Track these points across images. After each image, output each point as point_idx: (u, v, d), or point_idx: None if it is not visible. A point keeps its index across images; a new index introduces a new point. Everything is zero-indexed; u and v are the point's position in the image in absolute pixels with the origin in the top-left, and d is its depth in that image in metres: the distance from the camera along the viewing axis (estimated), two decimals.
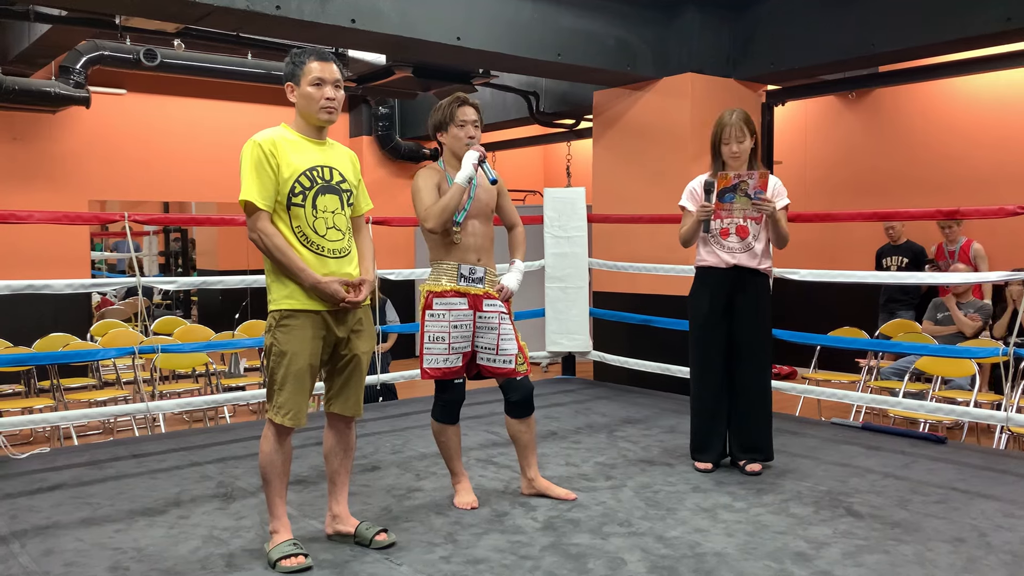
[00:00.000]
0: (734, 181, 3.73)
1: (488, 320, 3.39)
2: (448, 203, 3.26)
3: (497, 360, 3.41)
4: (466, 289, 3.35)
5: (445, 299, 3.34)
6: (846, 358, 6.68)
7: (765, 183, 3.75)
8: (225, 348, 6.69)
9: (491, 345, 3.40)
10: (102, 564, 2.89)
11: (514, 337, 3.44)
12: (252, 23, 4.86)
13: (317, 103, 2.84)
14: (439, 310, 3.34)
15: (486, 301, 3.39)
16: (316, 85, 2.83)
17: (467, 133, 3.35)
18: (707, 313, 3.93)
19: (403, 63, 6.90)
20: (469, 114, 3.36)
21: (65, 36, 6.15)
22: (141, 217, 4.91)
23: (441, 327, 3.33)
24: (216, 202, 9.25)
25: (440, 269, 3.38)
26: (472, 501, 3.45)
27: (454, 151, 3.40)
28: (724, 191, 3.75)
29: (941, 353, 5.22)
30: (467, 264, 3.36)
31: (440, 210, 3.26)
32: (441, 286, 3.35)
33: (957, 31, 5.08)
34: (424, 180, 3.37)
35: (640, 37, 6.10)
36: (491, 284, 3.43)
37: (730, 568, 2.81)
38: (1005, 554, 2.92)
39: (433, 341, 3.34)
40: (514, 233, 3.59)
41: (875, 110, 7.96)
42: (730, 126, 3.83)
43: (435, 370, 3.35)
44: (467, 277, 3.35)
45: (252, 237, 2.82)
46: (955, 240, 6.64)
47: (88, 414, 4.85)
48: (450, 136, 3.38)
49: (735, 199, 3.75)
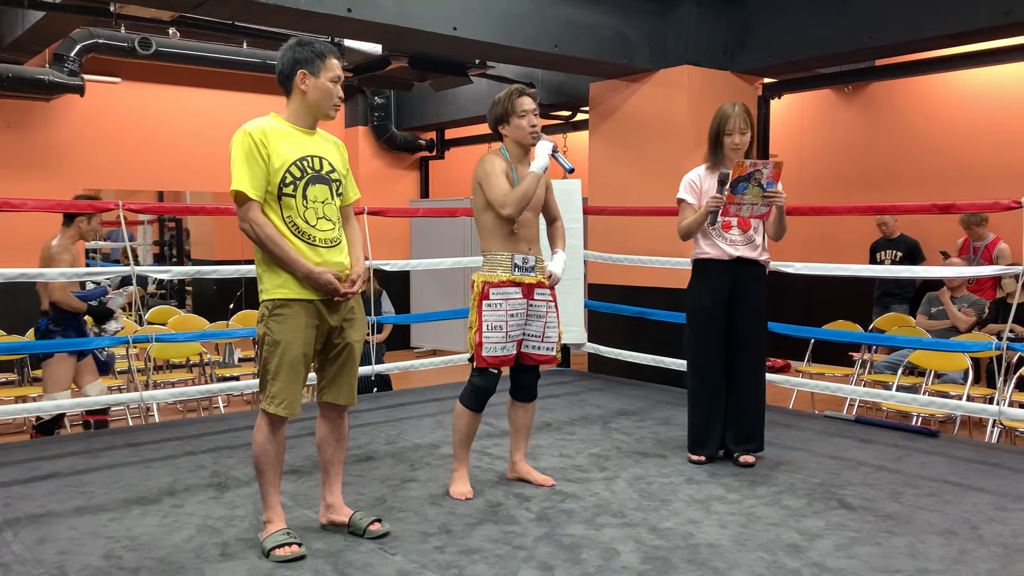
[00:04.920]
0: (750, 169, 3.65)
1: (537, 308, 3.49)
2: (527, 190, 3.33)
3: (541, 348, 3.53)
4: (520, 278, 3.42)
5: (502, 289, 3.40)
6: (840, 351, 6.70)
7: (779, 173, 3.71)
8: (219, 338, 6.68)
9: (538, 333, 3.51)
10: (96, 552, 2.89)
11: (557, 324, 3.57)
12: (248, 12, 4.84)
13: (332, 99, 2.88)
14: (496, 299, 3.40)
15: (537, 290, 3.48)
16: (335, 82, 2.87)
17: (529, 122, 3.42)
18: (708, 306, 3.93)
19: (399, 53, 6.89)
20: (528, 104, 3.43)
21: (59, 23, 6.11)
22: (135, 206, 4.89)
23: (499, 316, 3.39)
24: (211, 191, 9.22)
25: (495, 260, 3.43)
26: (467, 492, 3.47)
27: (517, 140, 3.45)
28: (738, 180, 3.67)
29: (934, 347, 5.23)
30: (520, 254, 3.43)
31: (519, 197, 3.32)
32: (497, 276, 3.41)
33: (954, 25, 5.08)
34: (493, 166, 3.41)
35: (637, 29, 6.09)
36: (541, 272, 3.51)
37: (723, 559, 2.82)
38: (996, 546, 2.94)
39: (492, 330, 3.39)
40: (555, 226, 3.70)
41: (871, 104, 7.96)
42: (734, 117, 3.81)
43: (494, 358, 3.41)
44: (521, 267, 3.43)
45: (243, 227, 2.81)
46: (982, 237, 6.55)
47: (82, 403, 4.84)
48: (512, 127, 3.44)
49: (748, 189, 3.69)
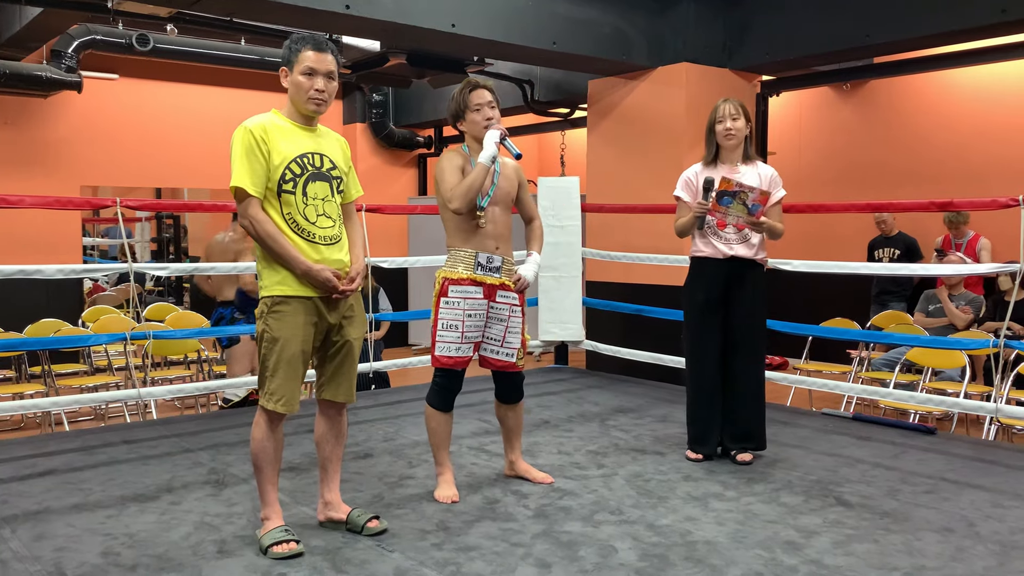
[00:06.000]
0: (735, 188, 3.67)
1: (499, 311, 3.39)
2: (473, 182, 3.25)
3: (500, 353, 3.42)
4: (482, 278, 3.34)
5: (461, 287, 3.32)
6: (838, 349, 6.70)
7: (765, 200, 3.71)
8: (217, 335, 6.67)
9: (498, 337, 3.41)
10: (93, 549, 2.89)
11: (520, 331, 3.45)
12: (246, 8, 4.84)
13: (306, 93, 2.82)
14: (454, 297, 3.31)
15: (500, 292, 3.38)
16: (307, 75, 2.81)
17: (484, 116, 3.35)
18: (703, 303, 3.93)
19: (397, 50, 6.87)
20: (483, 97, 3.36)
21: (57, 20, 6.10)
22: (133, 203, 4.88)
23: (455, 315, 3.31)
24: (209, 188, 9.20)
25: (457, 256, 3.35)
26: (452, 495, 3.39)
27: (474, 136, 3.40)
28: (723, 194, 3.70)
29: (932, 344, 5.24)
30: (485, 252, 3.34)
31: (465, 190, 3.24)
32: (457, 273, 3.32)
33: (952, 23, 5.08)
34: (448, 162, 3.36)
35: (635, 26, 6.08)
36: (508, 274, 3.42)
37: (720, 556, 2.82)
38: (993, 544, 2.95)
39: (447, 329, 3.32)
40: (532, 226, 3.59)
41: (869, 101, 7.96)
42: (723, 106, 3.86)
43: (448, 358, 3.33)
44: (484, 266, 3.34)
45: (243, 223, 2.81)
46: (963, 235, 6.61)
47: (79, 400, 4.84)
48: (468, 122, 3.39)
49: (732, 204, 3.71)
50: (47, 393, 5.64)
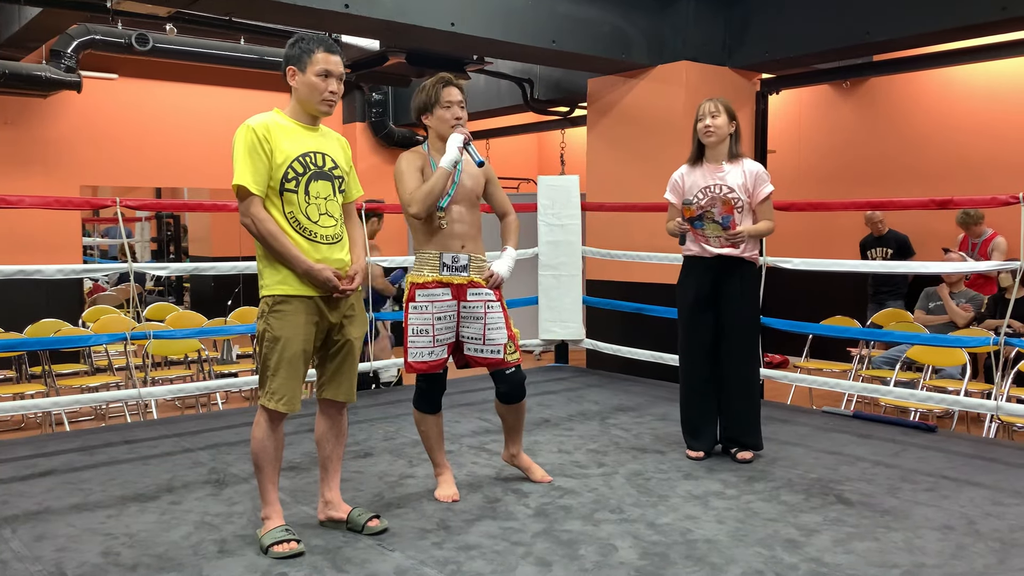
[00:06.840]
0: (697, 212, 3.75)
1: (473, 310, 3.31)
2: (433, 187, 3.16)
3: (484, 350, 3.34)
4: (449, 279, 3.26)
5: (427, 290, 3.25)
6: (838, 347, 6.71)
7: (730, 208, 3.72)
8: (217, 335, 6.68)
9: (477, 335, 3.32)
10: (94, 549, 2.89)
11: (503, 325, 3.35)
12: (245, 8, 4.83)
13: (320, 95, 2.83)
14: (422, 302, 3.25)
15: (470, 290, 3.31)
16: (323, 77, 2.82)
17: (453, 114, 3.26)
18: (692, 301, 3.94)
19: (397, 49, 6.87)
20: (455, 95, 3.27)
21: (56, 19, 6.09)
22: (133, 203, 4.88)
23: (424, 320, 3.25)
24: (209, 188, 9.20)
25: (422, 259, 3.29)
26: (453, 494, 3.38)
27: (440, 133, 3.30)
28: (692, 220, 3.78)
29: (932, 342, 5.24)
30: (450, 252, 3.26)
31: (424, 195, 3.17)
32: (423, 277, 3.26)
33: (952, 20, 5.08)
34: (407, 164, 3.27)
35: (635, 25, 6.08)
36: (478, 272, 3.33)
37: (721, 554, 2.82)
38: (993, 541, 2.95)
39: (417, 334, 3.26)
40: (506, 221, 3.49)
41: (869, 99, 7.96)
42: (705, 103, 3.87)
43: (420, 363, 3.28)
44: (449, 266, 3.26)
45: (244, 222, 2.81)
46: (979, 235, 6.59)
47: (80, 400, 4.84)
48: (435, 118, 3.29)
49: (704, 226, 3.77)
50: (47, 393, 5.65)
